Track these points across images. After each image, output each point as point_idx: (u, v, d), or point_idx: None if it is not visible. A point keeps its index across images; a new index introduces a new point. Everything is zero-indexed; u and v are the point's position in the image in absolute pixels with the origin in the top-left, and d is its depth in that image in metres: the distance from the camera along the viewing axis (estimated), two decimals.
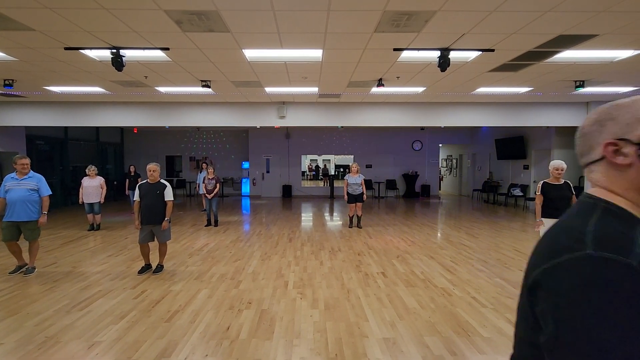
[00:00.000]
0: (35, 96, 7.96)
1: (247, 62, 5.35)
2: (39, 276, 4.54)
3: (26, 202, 4.43)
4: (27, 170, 4.51)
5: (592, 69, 5.69)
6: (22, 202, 4.41)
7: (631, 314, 0.54)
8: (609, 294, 0.55)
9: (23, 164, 4.46)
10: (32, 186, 4.50)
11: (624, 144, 0.67)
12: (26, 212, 4.44)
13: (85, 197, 7.35)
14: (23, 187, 4.44)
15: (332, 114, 8.99)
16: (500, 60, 5.24)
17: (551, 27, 4.00)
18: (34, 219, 4.52)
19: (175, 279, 4.46)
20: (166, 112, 8.82)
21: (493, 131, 12.82)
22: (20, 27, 3.96)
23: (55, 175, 11.39)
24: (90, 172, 7.41)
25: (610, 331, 0.54)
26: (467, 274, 4.65)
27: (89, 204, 7.39)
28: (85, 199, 7.35)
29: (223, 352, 2.73)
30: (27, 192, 4.44)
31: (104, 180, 7.55)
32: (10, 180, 4.45)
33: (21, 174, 4.48)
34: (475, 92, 7.56)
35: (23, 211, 4.42)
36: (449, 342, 2.90)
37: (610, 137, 0.68)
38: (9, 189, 4.42)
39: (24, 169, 4.47)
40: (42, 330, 3.09)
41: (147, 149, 15.04)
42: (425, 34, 4.19)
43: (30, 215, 4.47)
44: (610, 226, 0.64)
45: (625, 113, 0.68)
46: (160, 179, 4.61)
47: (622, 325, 0.53)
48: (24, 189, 4.44)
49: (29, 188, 4.47)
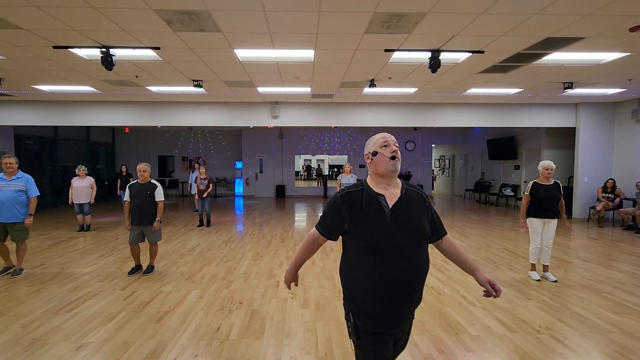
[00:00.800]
0: (24, 95, 7.85)
1: (239, 62, 5.34)
2: (27, 277, 4.48)
3: (14, 203, 4.36)
4: (13, 169, 4.42)
5: (580, 70, 5.79)
6: (9, 203, 4.34)
7: (328, 207, 1.63)
8: (329, 202, 1.65)
9: (7, 163, 4.36)
10: (20, 187, 4.43)
11: (370, 155, 1.65)
12: (13, 214, 4.37)
13: (74, 198, 7.25)
14: (11, 188, 4.37)
15: (325, 114, 9.01)
16: (490, 61, 5.30)
17: (539, 30, 4.07)
18: (21, 220, 4.44)
19: (165, 279, 4.43)
20: (158, 112, 8.75)
21: (485, 132, 12.97)
22: (8, 25, 3.91)
23: (45, 176, 11.24)
24: (80, 172, 7.32)
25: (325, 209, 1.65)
26: (458, 273, 4.70)
27: (78, 205, 7.30)
28: (75, 199, 7.26)
29: (213, 352, 2.73)
30: (14, 193, 4.37)
31: (94, 180, 7.45)
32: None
33: (9, 174, 4.40)
34: (466, 93, 7.64)
35: (10, 212, 4.35)
36: (438, 340, 2.94)
37: (366, 152, 1.69)
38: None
39: (9, 169, 4.38)
40: (29, 332, 3.05)
41: (139, 148, 14.90)
42: (415, 35, 4.23)
43: (17, 216, 4.40)
44: (353, 186, 1.64)
45: (370, 142, 1.68)
46: (151, 179, 4.57)
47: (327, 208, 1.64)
48: (12, 189, 4.37)
49: (16, 189, 4.39)
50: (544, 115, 8.92)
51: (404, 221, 1.53)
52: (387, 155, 1.58)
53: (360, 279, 1.55)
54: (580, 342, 2.91)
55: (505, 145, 11.60)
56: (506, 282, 4.34)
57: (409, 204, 1.58)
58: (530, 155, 10.86)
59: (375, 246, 1.50)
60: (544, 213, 4.32)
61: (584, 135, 8.77)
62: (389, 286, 1.50)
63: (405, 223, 1.53)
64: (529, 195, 4.37)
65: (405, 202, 1.58)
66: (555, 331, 3.10)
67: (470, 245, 6.32)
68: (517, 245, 6.25)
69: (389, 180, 1.60)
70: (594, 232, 7.54)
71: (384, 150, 1.59)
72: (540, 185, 4.33)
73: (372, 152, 1.63)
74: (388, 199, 1.56)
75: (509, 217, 9.48)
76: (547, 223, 4.35)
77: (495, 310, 3.52)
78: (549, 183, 4.31)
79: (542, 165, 4.33)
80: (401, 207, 1.56)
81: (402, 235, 1.51)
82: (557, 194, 4.28)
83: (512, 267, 4.96)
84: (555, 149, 10.05)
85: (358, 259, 1.56)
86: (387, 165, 1.58)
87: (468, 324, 3.24)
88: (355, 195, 1.58)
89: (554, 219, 4.33)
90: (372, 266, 1.51)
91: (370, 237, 1.51)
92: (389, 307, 1.52)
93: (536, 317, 3.38)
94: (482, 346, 2.85)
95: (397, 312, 1.54)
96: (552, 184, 4.31)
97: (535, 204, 4.35)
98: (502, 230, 7.71)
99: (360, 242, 1.54)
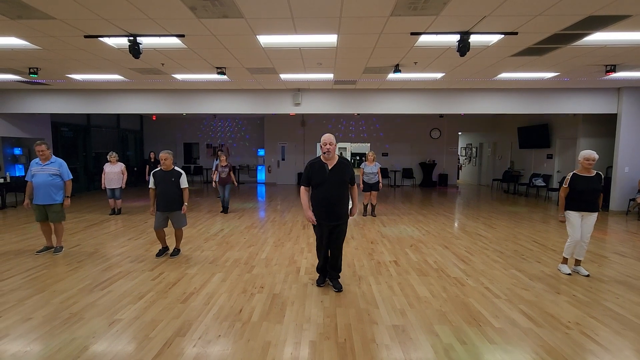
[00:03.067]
0: (59, 84, 8.21)
1: (262, 49, 5.32)
2: (65, 257, 4.78)
3: (49, 186, 4.64)
4: (46, 155, 4.67)
5: (625, 52, 5.35)
6: (45, 186, 4.63)
7: (305, 170, 3.54)
8: (305, 168, 3.55)
9: (38, 151, 4.63)
10: (54, 171, 4.69)
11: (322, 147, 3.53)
12: (49, 196, 4.67)
13: (107, 183, 7.59)
14: (46, 172, 4.65)
15: (348, 101, 8.88)
16: (524, 43, 4.99)
17: (579, 8, 3.77)
18: (57, 202, 4.73)
19: (191, 262, 4.60)
20: (183, 100, 8.94)
21: (516, 119, 12.37)
22: (42, 16, 4.06)
23: (79, 161, 11.84)
24: (112, 158, 7.63)
25: (303, 172, 3.58)
26: (482, 265, 4.57)
27: (110, 190, 7.64)
28: (107, 184, 7.60)
29: (235, 334, 2.82)
30: (49, 177, 4.65)
31: (124, 166, 7.76)
32: (35, 166, 4.68)
33: (43, 159, 4.67)
34: (497, 78, 7.27)
35: (47, 194, 4.65)
36: (459, 331, 2.89)
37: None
38: (35, 174, 4.65)
39: (42, 155, 4.65)
40: (67, 307, 3.27)
41: (165, 135, 15.36)
42: (444, 16, 4.04)
43: (53, 198, 4.70)
44: (315, 159, 3.55)
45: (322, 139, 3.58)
46: (174, 167, 4.68)
47: (304, 171, 3.55)
48: (47, 173, 4.65)
49: (50, 173, 4.66)
50: (582, 101, 8.37)
51: (333, 175, 3.40)
52: (323, 150, 3.43)
53: (315, 199, 3.49)
54: (612, 340, 2.78)
55: (537, 133, 11.03)
56: (534, 276, 4.19)
57: (338, 168, 3.44)
58: (565, 143, 10.28)
59: (320, 185, 3.42)
60: (583, 206, 4.05)
61: (626, 121, 8.18)
62: (323, 202, 3.43)
63: (334, 177, 3.40)
64: (568, 187, 4.11)
65: (335, 167, 3.43)
66: (586, 327, 2.97)
67: (497, 236, 6.12)
68: (546, 238, 5.99)
69: (326, 158, 3.46)
70: (633, 225, 7.10)
71: (322, 148, 3.42)
72: (580, 176, 4.06)
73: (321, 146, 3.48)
74: (329, 166, 3.43)
75: (539, 209, 9.08)
76: (585, 217, 4.10)
77: (521, 304, 3.41)
78: (589, 174, 4.04)
79: (583, 155, 4.05)
80: (333, 169, 3.42)
81: (331, 182, 3.40)
82: (597, 186, 4.02)
83: (541, 260, 4.77)
84: (593, 137, 9.45)
85: (315, 191, 3.48)
86: (324, 155, 3.45)
87: (492, 316, 3.16)
88: (315, 163, 3.47)
89: (594, 213, 4.08)
90: (318, 194, 3.45)
91: (318, 182, 3.42)
92: (323, 211, 3.45)
93: (565, 312, 3.24)
94: (506, 339, 2.77)
95: (325, 214, 3.45)
96: (593, 175, 4.04)
97: (574, 196, 4.08)
98: (531, 221, 7.41)
99: (314, 184, 3.46)
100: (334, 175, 3.41)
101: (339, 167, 3.45)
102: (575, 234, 4.13)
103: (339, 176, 3.42)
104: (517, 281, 4.02)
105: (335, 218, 3.45)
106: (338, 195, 3.43)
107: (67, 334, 2.80)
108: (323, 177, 3.40)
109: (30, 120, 9.78)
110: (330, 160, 3.45)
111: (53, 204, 4.71)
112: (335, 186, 3.40)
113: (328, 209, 3.42)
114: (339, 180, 3.42)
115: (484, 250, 5.25)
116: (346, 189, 3.50)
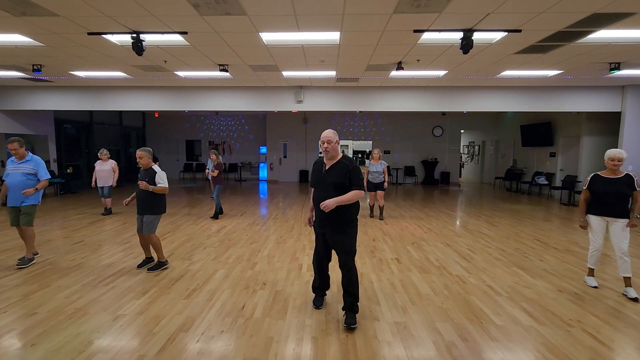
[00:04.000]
0: (62, 81, 8.24)
1: (264, 46, 5.32)
2: (69, 252, 4.81)
3: (23, 187, 4.14)
4: (20, 154, 4.18)
5: (629, 49, 5.32)
6: (18, 186, 4.14)
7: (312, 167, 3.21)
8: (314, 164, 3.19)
9: (10, 149, 4.14)
10: (29, 170, 4.19)
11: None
12: (21, 197, 4.16)
13: (98, 181, 7.30)
14: (20, 171, 4.17)
15: (350, 98, 8.86)
16: (528, 41, 4.97)
17: (584, 5, 3.75)
18: (29, 204, 4.22)
19: (193, 258, 4.62)
20: (185, 97, 8.95)
21: (518, 117, 12.32)
22: (46, 13, 4.07)
23: (82, 158, 11.89)
24: (102, 155, 7.30)
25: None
26: (484, 262, 4.58)
27: (100, 188, 7.36)
28: (98, 182, 7.30)
29: (238, 329, 2.84)
30: (23, 177, 4.16)
31: (115, 163, 7.45)
32: (10, 164, 4.21)
33: (18, 158, 4.21)
34: (500, 76, 7.25)
35: (20, 195, 4.16)
36: (461, 328, 2.90)
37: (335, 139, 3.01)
38: (8, 173, 4.19)
39: (15, 153, 4.17)
40: (71, 302, 3.30)
41: (167, 133, 15.40)
42: (447, 14, 4.02)
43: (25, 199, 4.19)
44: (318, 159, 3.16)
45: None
46: (153, 165, 4.17)
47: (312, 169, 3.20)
48: (20, 172, 4.16)
49: (25, 172, 4.17)
50: (586, 99, 8.33)
51: (327, 177, 2.97)
52: (322, 149, 3.01)
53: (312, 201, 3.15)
54: (614, 338, 2.78)
55: (540, 131, 10.99)
56: (535, 273, 4.19)
57: (334, 169, 2.96)
58: (568, 142, 10.24)
59: (315, 186, 3.09)
60: (603, 210, 3.64)
61: (630, 120, 8.14)
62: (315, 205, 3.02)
63: (328, 178, 2.96)
64: (587, 189, 3.76)
65: (332, 168, 2.98)
66: (588, 325, 2.97)
67: (499, 234, 6.12)
68: (549, 236, 5.98)
69: (327, 157, 3.03)
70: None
71: (321, 146, 3.01)
72: (602, 178, 3.67)
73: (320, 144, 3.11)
74: (326, 166, 3.02)
75: (541, 207, 9.06)
76: (611, 223, 3.64)
77: (523, 301, 3.42)
78: (615, 176, 3.61)
79: (608, 155, 3.63)
80: (329, 170, 2.99)
81: (325, 184, 2.97)
82: (623, 189, 3.53)
83: (543, 259, 4.77)
84: (596, 135, 9.41)
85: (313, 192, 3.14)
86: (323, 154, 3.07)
87: (493, 313, 3.17)
88: (317, 162, 3.14)
89: (621, 219, 3.58)
90: (314, 196, 3.08)
91: (314, 182, 3.11)
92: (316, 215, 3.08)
93: (567, 310, 3.25)
94: (507, 336, 2.78)
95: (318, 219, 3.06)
96: (621, 177, 3.59)
97: (594, 199, 3.72)
98: (533, 220, 7.39)
99: (312, 184, 3.17)
100: (329, 176, 2.94)
101: (336, 168, 2.93)
102: (596, 241, 3.74)
103: (333, 178, 2.90)
104: (519, 279, 4.02)
105: (326, 225, 2.96)
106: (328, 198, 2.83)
107: (72, 328, 2.82)
108: (318, 177, 3.04)
109: (33, 117, 9.82)
110: (331, 160, 2.99)
111: (25, 205, 4.19)
112: (328, 188, 2.89)
113: (319, 213, 2.96)
114: (334, 182, 2.89)
115: (486, 248, 5.25)
116: (343, 193, 2.86)
